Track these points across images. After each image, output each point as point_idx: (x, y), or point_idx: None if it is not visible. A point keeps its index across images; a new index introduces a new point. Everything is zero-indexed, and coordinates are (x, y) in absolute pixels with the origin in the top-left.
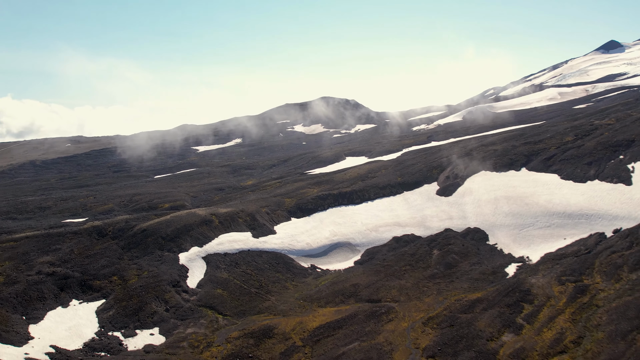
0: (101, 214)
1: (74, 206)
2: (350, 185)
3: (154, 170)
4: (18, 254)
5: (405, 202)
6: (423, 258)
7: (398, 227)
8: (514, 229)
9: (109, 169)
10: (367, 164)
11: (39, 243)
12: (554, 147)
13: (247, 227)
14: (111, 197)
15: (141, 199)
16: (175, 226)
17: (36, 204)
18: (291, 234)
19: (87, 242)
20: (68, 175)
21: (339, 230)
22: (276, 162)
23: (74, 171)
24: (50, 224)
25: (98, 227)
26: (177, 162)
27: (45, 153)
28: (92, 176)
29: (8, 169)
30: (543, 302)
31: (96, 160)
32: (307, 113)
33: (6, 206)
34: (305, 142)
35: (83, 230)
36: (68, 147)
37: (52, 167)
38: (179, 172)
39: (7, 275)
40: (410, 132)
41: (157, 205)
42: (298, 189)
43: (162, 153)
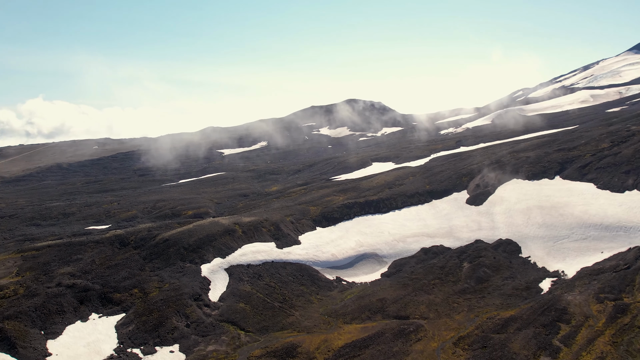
0: (124, 220)
1: (98, 212)
2: (377, 193)
3: (178, 175)
4: (39, 264)
5: (433, 211)
6: (453, 271)
7: (426, 238)
8: (547, 241)
9: (134, 173)
10: (394, 171)
11: (61, 252)
12: (589, 154)
13: (271, 237)
14: (135, 203)
15: (165, 206)
16: (197, 236)
17: (60, 209)
18: (316, 244)
19: (108, 252)
20: (94, 178)
21: (365, 240)
22: (301, 167)
23: (99, 174)
24: (73, 231)
25: (120, 236)
26: (202, 166)
27: (72, 156)
28: (117, 180)
29: (36, 171)
30: (581, 322)
31: (122, 163)
32: (332, 116)
33: (31, 212)
34: (330, 146)
35: (105, 240)
36: (95, 149)
37: (78, 170)
38: (203, 176)
39: (27, 287)
40: (438, 137)
41: (180, 212)
42: (323, 197)
43: (187, 156)
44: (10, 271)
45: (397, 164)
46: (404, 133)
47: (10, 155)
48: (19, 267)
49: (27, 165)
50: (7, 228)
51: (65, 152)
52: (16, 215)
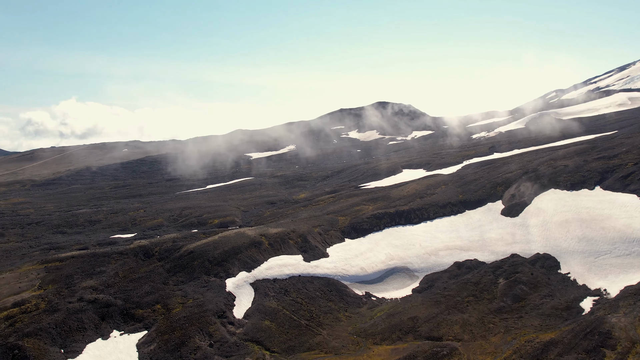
0: (150, 229)
1: (124, 220)
2: (408, 203)
3: (206, 180)
4: (62, 277)
5: (467, 222)
6: (488, 288)
7: (460, 251)
8: (588, 256)
9: (162, 177)
10: (426, 179)
11: (84, 264)
12: (632, 163)
13: (298, 249)
14: (161, 210)
15: (191, 214)
16: (223, 248)
17: (87, 217)
18: (345, 257)
19: (132, 264)
20: (122, 183)
21: (395, 253)
22: (330, 173)
23: (128, 178)
24: (98, 240)
25: (144, 247)
26: (229, 171)
27: (102, 158)
28: (145, 185)
29: (66, 174)
30: (627, 349)
31: (151, 167)
32: (361, 119)
33: (58, 219)
34: (359, 150)
35: (129, 251)
36: (125, 152)
37: (107, 173)
38: (230, 182)
39: (49, 302)
40: (470, 142)
41: (206, 221)
42: (352, 206)
43: (215, 161)
44: (33, 284)
45: (428, 171)
46: (435, 137)
47: (42, 158)
48: (42, 280)
49: (57, 168)
50: (33, 236)
51: (95, 155)
52: (43, 222)
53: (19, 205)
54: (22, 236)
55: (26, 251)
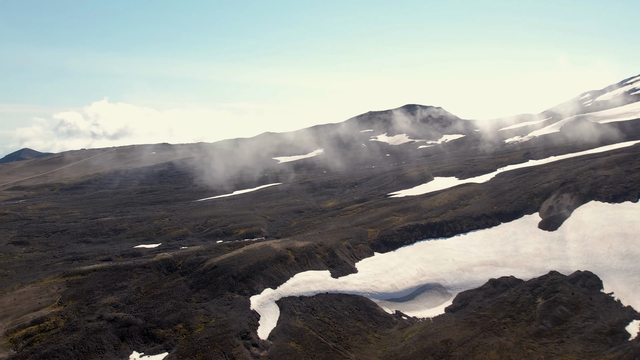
0: (174, 239)
1: (148, 229)
2: (440, 215)
3: (232, 185)
4: (83, 292)
5: (502, 236)
6: (525, 308)
7: (495, 267)
8: (633, 275)
9: (189, 182)
10: (459, 188)
11: (106, 278)
12: None
13: (326, 264)
14: (186, 219)
15: (216, 223)
16: (247, 263)
17: (111, 225)
18: (374, 272)
19: (155, 278)
20: (149, 188)
21: (427, 269)
22: (358, 179)
23: (155, 182)
24: (122, 250)
25: (167, 261)
26: (256, 175)
27: (130, 162)
28: (172, 190)
29: (94, 178)
30: None
31: (177, 171)
32: (390, 122)
33: (82, 227)
34: (388, 154)
35: (152, 264)
36: (152, 155)
37: (135, 177)
38: (257, 187)
39: (68, 320)
40: (503, 148)
41: (232, 231)
42: (382, 217)
43: (242, 165)
44: (53, 299)
45: (460, 179)
46: (466, 142)
47: (71, 161)
48: (62, 295)
49: (86, 172)
50: (57, 245)
51: (123, 159)
52: (68, 230)
53: (46, 211)
54: (46, 245)
55: (49, 261)
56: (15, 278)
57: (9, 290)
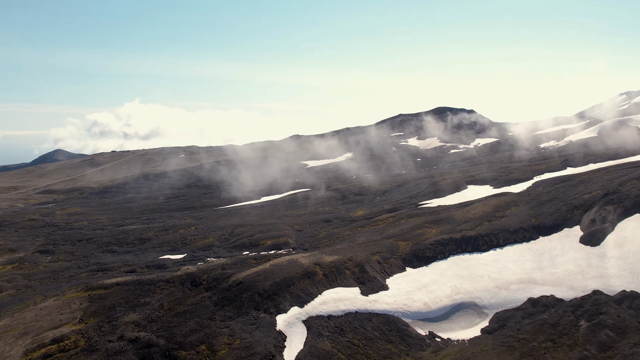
0: (200, 249)
1: (174, 239)
2: (475, 227)
3: (260, 191)
4: (104, 308)
5: (541, 251)
6: (567, 331)
7: (533, 285)
8: None
9: (217, 187)
10: (494, 198)
11: (129, 294)
12: None
13: (355, 280)
14: (212, 228)
15: (243, 233)
16: (274, 279)
17: (137, 234)
18: (406, 290)
19: (178, 294)
20: (176, 192)
21: (462, 286)
22: (389, 186)
23: (183, 187)
24: (147, 261)
25: (192, 275)
26: (285, 181)
27: (159, 165)
28: (199, 195)
29: (123, 182)
30: None
31: (206, 174)
32: (421, 126)
33: (108, 235)
34: (419, 159)
35: (176, 279)
36: (182, 158)
37: (163, 180)
38: (286, 193)
39: (88, 339)
40: (540, 155)
41: (259, 242)
42: (414, 229)
43: (270, 169)
44: (74, 316)
45: (495, 188)
46: (500, 147)
47: (102, 164)
48: (84, 311)
49: (115, 175)
50: (82, 254)
51: (152, 162)
52: (94, 239)
53: (74, 217)
54: (71, 254)
55: (74, 272)
56: (39, 290)
57: (31, 303)
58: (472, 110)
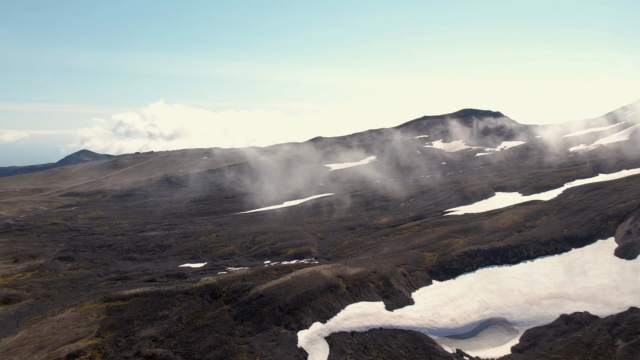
0: (221, 257)
1: (194, 247)
2: (504, 238)
3: (283, 195)
4: (122, 322)
5: (574, 264)
6: (603, 352)
7: (566, 300)
8: None
9: (239, 191)
10: (523, 207)
11: (147, 306)
12: None
13: (380, 294)
14: (233, 235)
15: (264, 241)
16: (295, 293)
17: (158, 241)
18: (432, 304)
19: (197, 306)
20: (198, 197)
21: (491, 301)
22: (413, 192)
23: (205, 190)
24: (167, 270)
25: (212, 287)
26: (307, 184)
27: (181, 167)
28: (221, 199)
29: (145, 184)
30: None
31: (228, 177)
32: (446, 128)
33: (129, 242)
34: (444, 162)
35: (195, 290)
36: (204, 160)
37: (185, 184)
38: (308, 198)
39: (105, 354)
40: (569, 160)
41: (280, 251)
42: (440, 239)
43: (293, 172)
44: (91, 329)
45: (524, 195)
46: (527, 150)
47: (125, 166)
48: (101, 324)
49: (138, 177)
50: (103, 262)
51: (175, 164)
52: (114, 245)
53: (96, 221)
54: (91, 262)
55: (93, 281)
56: (57, 299)
57: (49, 314)
58: (499, 113)
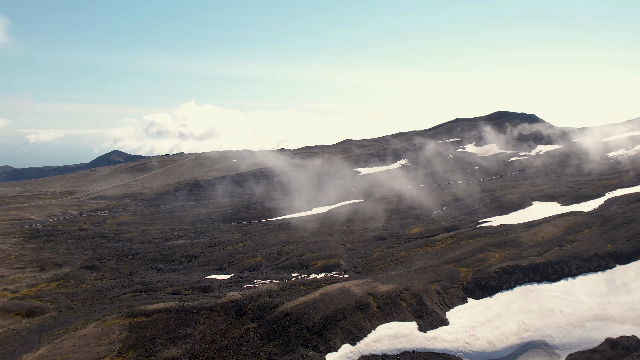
0: (247, 269)
1: (221, 257)
2: (544, 253)
3: (312, 200)
4: (144, 340)
5: (619, 282)
6: None
7: (612, 323)
8: None
9: (267, 195)
10: (563, 219)
11: (170, 323)
12: None
13: (412, 314)
14: (261, 245)
15: (292, 252)
16: (324, 312)
17: (184, 250)
18: (468, 325)
19: (222, 324)
20: (227, 202)
21: (530, 322)
22: (446, 200)
23: (234, 195)
24: (192, 281)
25: (237, 303)
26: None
27: (210, 170)
28: (249, 205)
29: (174, 188)
30: None
31: (257, 182)
32: (479, 131)
33: (155, 251)
34: (477, 167)
35: (220, 307)
36: (233, 163)
37: (214, 187)
38: (338, 204)
39: None
40: (610, 167)
41: (308, 263)
42: (475, 252)
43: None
44: (113, 348)
45: (562, 205)
46: (564, 156)
47: (154, 168)
48: (123, 343)
49: (167, 180)
50: (128, 272)
51: (204, 166)
52: (140, 254)
53: (123, 227)
54: (116, 271)
55: (117, 292)
56: (81, 312)
57: (71, 328)
58: (533, 116)
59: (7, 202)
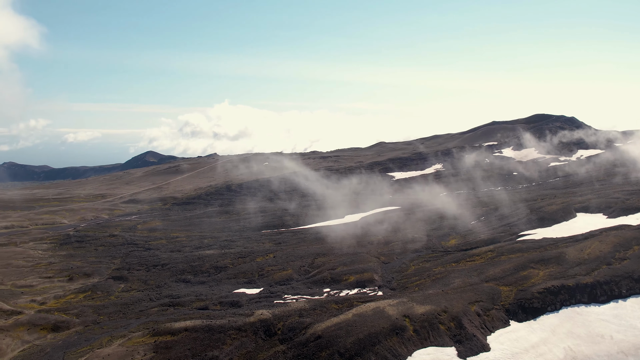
0: (277, 283)
1: (251, 269)
2: (591, 272)
3: (345, 208)
4: None
5: None
6: None
7: None
8: None
9: (299, 201)
10: (611, 234)
11: (196, 344)
12: None
13: (451, 338)
14: (292, 257)
15: (324, 265)
16: (357, 335)
17: (213, 261)
18: (511, 351)
19: (250, 346)
20: (258, 207)
21: (578, 349)
22: (484, 209)
23: (265, 199)
24: (220, 295)
25: (266, 322)
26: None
27: (242, 174)
28: (281, 211)
29: (206, 192)
30: None
31: (287, 185)
32: (517, 135)
33: (184, 261)
34: (516, 173)
35: (248, 326)
36: (265, 166)
37: (245, 192)
38: (371, 212)
39: None
40: None
41: (341, 278)
42: (517, 269)
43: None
44: None
45: (609, 218)
46: (608, 162)
47: (186, 171)
48: None
49: (199, 184)
50: (156, 284)
51: (236, 169)
52: (168, 265)
53: (153, 233)
54: (144, 283)
55: (144, 306)
56: (107, 327)
57: (96, 345)
58: (573, 118)
59: (42, 205)
